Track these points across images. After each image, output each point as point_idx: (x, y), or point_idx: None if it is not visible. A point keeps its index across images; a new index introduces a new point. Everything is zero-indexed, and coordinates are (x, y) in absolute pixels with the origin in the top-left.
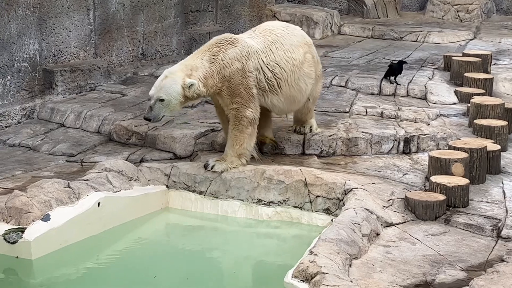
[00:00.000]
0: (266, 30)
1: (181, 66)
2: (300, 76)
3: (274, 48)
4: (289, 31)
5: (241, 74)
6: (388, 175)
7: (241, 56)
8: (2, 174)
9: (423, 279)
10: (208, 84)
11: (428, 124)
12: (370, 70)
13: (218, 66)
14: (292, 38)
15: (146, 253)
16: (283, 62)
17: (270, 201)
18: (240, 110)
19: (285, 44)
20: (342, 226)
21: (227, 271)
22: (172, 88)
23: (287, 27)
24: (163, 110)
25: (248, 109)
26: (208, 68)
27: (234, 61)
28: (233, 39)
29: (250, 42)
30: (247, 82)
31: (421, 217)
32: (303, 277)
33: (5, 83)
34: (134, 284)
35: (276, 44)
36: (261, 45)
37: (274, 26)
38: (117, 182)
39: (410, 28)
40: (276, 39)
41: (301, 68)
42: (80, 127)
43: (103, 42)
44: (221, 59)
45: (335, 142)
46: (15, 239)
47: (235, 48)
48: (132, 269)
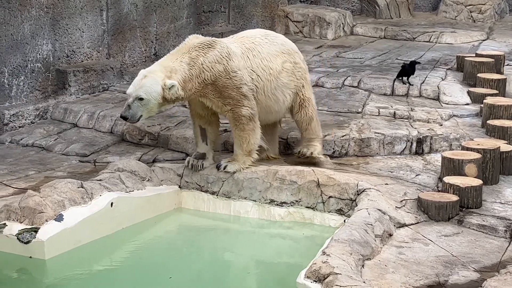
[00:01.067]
0: (244, 37)
1: (160, 67)
2: (277, 86)
3: (251, 55)
4: (268, 39)
5: (224, 76)
6: (400, 176)
7: (221, 57)
8: (15, 174)
9: (436, 280)
10: (187, 88)
11: (441, 124)
12: (383, 70)
13: (197, 70)
14: (270, 47)
15: (159, 254)
16: (259, 70)
17: (283, 202)
18: (235, 110)
19: (262, 52)
20: (354, 226)
21: (241, 272)
22: (152, 87)
23: (266, 35)
24: (141, 110)
25: (243, 108)
26: (188, 71)
27: (214, 64)
28: (211, 41)
29: (228, 44)
30: (233, 82)
31: (434, 218)
32: (316, 277)
33: (18, 84)
34: (148, 285)
35: (253, 52)
36: (238, 50)
37: (252, 34)
38: (130, 182)
39: (423, 29)
40: (253, 47)
41: (278, 78)
42: (93, 127)
43: (116, 42)
44: (200, 63)
45: (347, 142)
46: (29, 239)
47: (214, 50)
48: (146, 270)
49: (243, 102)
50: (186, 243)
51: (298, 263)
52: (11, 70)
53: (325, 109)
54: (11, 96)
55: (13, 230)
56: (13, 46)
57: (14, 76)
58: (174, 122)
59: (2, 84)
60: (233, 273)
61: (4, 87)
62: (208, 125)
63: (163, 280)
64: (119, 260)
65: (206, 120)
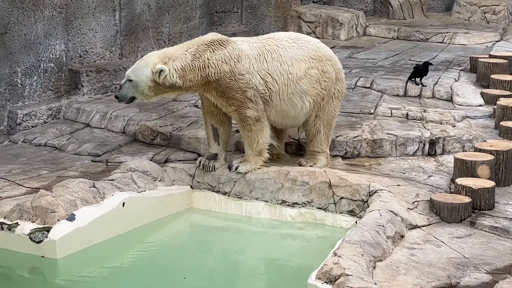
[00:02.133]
0: (269, 39)
1: (161, 52)
2: (295, 92)
3: (269, 57)
4: (296, 43)
5: (229, 77)
6: (413, 177)
7: (229, 58)
8: (28, 174)
9: (447, 282)
10: (186, 77)
11: (454, 126)
12: (396, 71)
13: (201, 63)
14: (295, 51)
15: (170, 254)
16: (276, 73)
17: (294, 202)
18: (240, 111)
19: (284, 56)
20: (366, 228)
21: (253, 273)
22: (142, 70)
23: (297, 39)
24: (131, 91)
25: (247, 110)
26: (190, 62)
27: (221, 63)
28: (224, 40)
29: (242, 46)
30: (238, 84)
31: (446, 220)
32: (327, 278)
33: (31, 83)
34: (161, 285)
35: (273, 54)
36: (255, 51)
37: (280, 36)
38: (142, 182)
39: (436, 29)
40: (275, 49)
41: (297, 84)
42: (106, 127)
43: (128, 42)
44: (206, 57)
45: (359, 143)
46: (41, 239)
47: (224, 50)
48: (157, 270)
49: (247, 104)
50: (198, 244)
51: (309, 264)
52: (24, 70)
53: None
54: (24, 95)
55: (25, 229)
56: (26, 46)
57: (27, 76)
58: (186, 122)
59: (15, 83)
60: (245, 273)
61: (17, 86)
62: (220, 124)
63: (176, 280)
64: (131, 260)
65: (218, 119)
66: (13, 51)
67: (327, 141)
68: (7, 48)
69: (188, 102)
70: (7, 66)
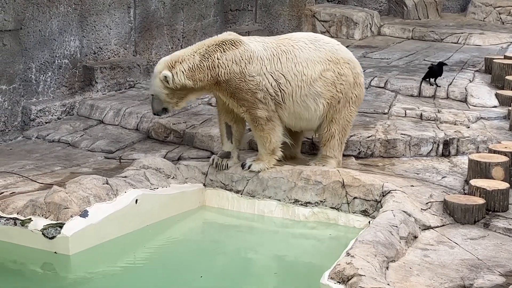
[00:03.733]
0: (286, 39)
1: (169, 57)
2: (308, 94)
3: (284, 58)
4: (314, 44)
5: (239, 78)
6: (426, 178)
7: (240, 59)
8: (41, 170)
9: (461, 283)
10: (196, 78)
11: (468, 127)
12: (410, 71)
13: (210, 63)
14: (311, 53)
15: (182, 252)
16: (290, 74)
17: (307, 202)
18: (251, 112)
19: (299, 57)
20: (379, 228)
21: (266, 272)
22: (154, 83)
23: (315, 40)
24: (160, 104)
25: (258, 110)
26: (198, 62)
27: (231, 63)
28: (236, 41)
29: (254, 47)
30: (248, 86)
31: (459, 221)
32: (340, 278)
33: (45, 79)
34: (175, 283)
35: (288, 55)
36: (268, 52)
37: (298, 37)
38: (155, 179)
39: (451, 30)
40: (290, 50)
41: (311, 86)
42: (119, 124)
43: (143, 40)
44: (216, 57)
45: (373, 143)
46: (54, 234)
47: (235, 50)
48: (169, 267)
49: (257, 105)
50: (210, 242)
51: (322, 263)
52: (38, 66)
53: None
54: (38, 91)
55: (38, 225)
56: (41, 42)
57: (41, 72)
58: (200, 120)
59: (30, 79)
60: (258, 272)
61: (32, 82)
62: (234, 122)
63: (189, 278)
64: (143, 257)
65: (232, 117)
66: (27, 47)
67: (341, 147)
68: (22, 44)
69: (202, 100)
70: (22, 62)
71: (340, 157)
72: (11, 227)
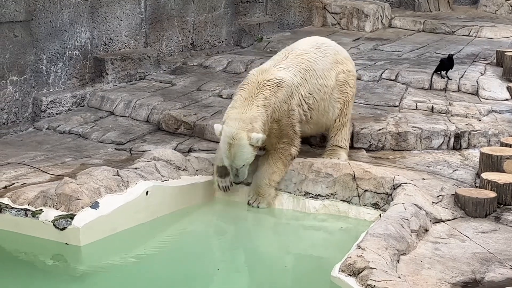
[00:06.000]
0: (299, 55)
1: (239, 123)
2: (329, 103)
3: (308, 76)
4: (321, 52)
5: (287, 115)
6: (438, 171)
7: (287, 97)
8: (52, 161)
9: (472, 276)
10: (265, 130)
11: (480, 120)
12: (421, 64)
13: (271, 111)
14: (324, 61)
15: (193, 243)
16: (315, 91)
17: (318, 194)
18: (286, 149)
19: (318, 69)
20: (390, 221)
21: (277, 264)
22: (244, 153)
23: (319, 47)
24: (246, 169)
25: (293, 147)
26: (265, 114)
27: (282, 103)
28: (279, 80)
29: (291, 79)
30: (291, 121)
31: (471, 214)
32: (350, 271)
33: (56, 71)
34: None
35: (310, 72)
36: (298, 77)
37: (305, 48)
38: (165, 171)
39: (462, 23)
40: (309, 66)
41: (332, 94)
42: (130, 115)
43: (153, 31)
44: (273, 102)
45: (384, 136)
46: (65, 226)
47: (283, 89)
48: (179, 260)
49: (295, 141)
50: (220, 234)
51: (332, 256)
52: (49, 57)
53: (362, 102)
54: (49, 83)
55: (49, 216)
56: (51, 33)
57: (52, 63)
58: (210, 112)
59: (41, 71)
60: (269, 265)
61: (42, 74)
62: None
63: (199, 270)
64: (154, 249)
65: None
66: (38, 38)
67: (348, 135)
68: (33, 35)
69: (212, 92)
70: (33, 53)
71: (348, 145)
72: (22, 218)
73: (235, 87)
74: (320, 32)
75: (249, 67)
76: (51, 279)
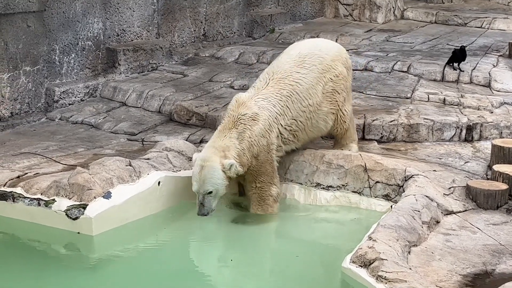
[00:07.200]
0: (280, 80)
1: (212, 149)
2: (318, 118)
3: (290, 102)
4: (305, 68)
5: (266, 150)
6: (449, 163)
7: (265, 131)
8: (65, 151)
9: (483, 268)
10: (243, 162)
11: (492, 112)
12: (433, 56)
13: (247, 144)
14: (308, 78)
15: (204, 234)
16: (299, 114)
17: (329, 186)
18: (265, 189)
19: (302, 91)
20: (402, 212)
21: (288, 255)
22: (215, 176)
23: (302, 63)
24: (214, 201)
25: (272, 186)
26: (239, 145)
27: (260, 138)
28: (254, 115)
29: (269, 112)
30: (271, 156)
31: (482, 206)
32: (361, 262)
33: (69, 61)
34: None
35: (292, 97)
36: (278, 107)
37: (287, 70)
38: (177, 161)
39: (475, 14)
40: (291, 90)
41: (319, 110)
42: (142, 106)
43: (165, 22)
44: (248, 136)
45: (396, 128)
46: (77, 215)
47: (259, 123)
48: (191, 250)
49: (274, 179)
50: (232, 225)
51: (343, 247)
52: (62, 47)
53: (373, 93)
54: (62, 73)
55: (62, 206)
56: (64, 24)
57: (65, 54)
58: (222, 103)
59: (53, 61)
60: (280, 255)
61: (55, 64)
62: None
63: (211, 261)
64: (166, 238)
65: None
66: (51, 29)
67: (354, 129)
68: (46, 25)
69: (224, 83)
70: (46, 44)
71: (356, 136)
72: (35, 207)
73: (246, 78)
74: (332, 24)
75: (260, 58)
76: (63, 268)
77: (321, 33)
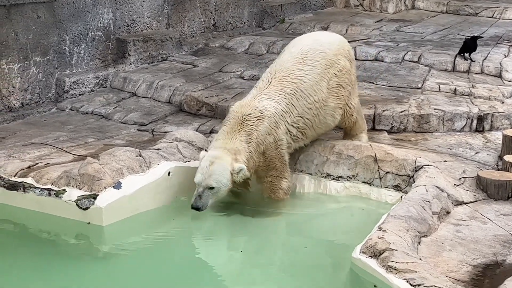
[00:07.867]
0: (283, 79)
1: (225, 151)
2: (325, 114)
3: (295, 100)
4: (307, 65)
5: (274, 147)
6: (460, 153)
7: (271, 129)
8: (75, 141)
9: (493, 259)
10: (250, 166)
11: (503, 102)
12: (444, 46)
13: (254, 145)
14: (311, 75)
15: (214, 225)
16: (305, 112)
17: (339, 176)
18: (275, 182)
19: (306, 88)
20: (412, 203)
21: (298, 246)
22: (223, 175)
23: (304, 60)
24: (211, 198)
25: (283, 180)
26: (248, 149)
27: (266, 136)
28: (259, 114)
29: (274, 109)
30: (280, 152)
31: (493, 197)
32: (371, 253)
33: (79, 52)
34: (205, 255)
35: (296, 95)
36: (283, 105)
37: (289, 68)
38: (187, 152)
39: (486, 4)
40: (295, 88)
41: (325, 106)
42: (152, 96)
43: (175, 12)
44: (256, 137)
45: (406, 118)
46: (87, 205)
47: (264, 122)
48: (201, 241)
49: (284, 173)
50: (241, 215)
51: (353, 238)
52: (72, 38)
53: (384, 84)
54: (72, 64)
55: (72, 196)
56: (74, 14)
57: (75, 44)
58: (232, 93)
59: (64, 51)
60: (289, 246)
61: (65, 54)
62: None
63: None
64: (175, 229)
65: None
66: (61, 19)
67: (363, 119)
68: (56, 16)
69: (234, 73)
70: (56, 34)
71: (365, 126)
72: (45, 197)
73: (256, 69)
74: (342, 14)
75: (270, 48)
76: (73, 258)
77: (331, 23)
